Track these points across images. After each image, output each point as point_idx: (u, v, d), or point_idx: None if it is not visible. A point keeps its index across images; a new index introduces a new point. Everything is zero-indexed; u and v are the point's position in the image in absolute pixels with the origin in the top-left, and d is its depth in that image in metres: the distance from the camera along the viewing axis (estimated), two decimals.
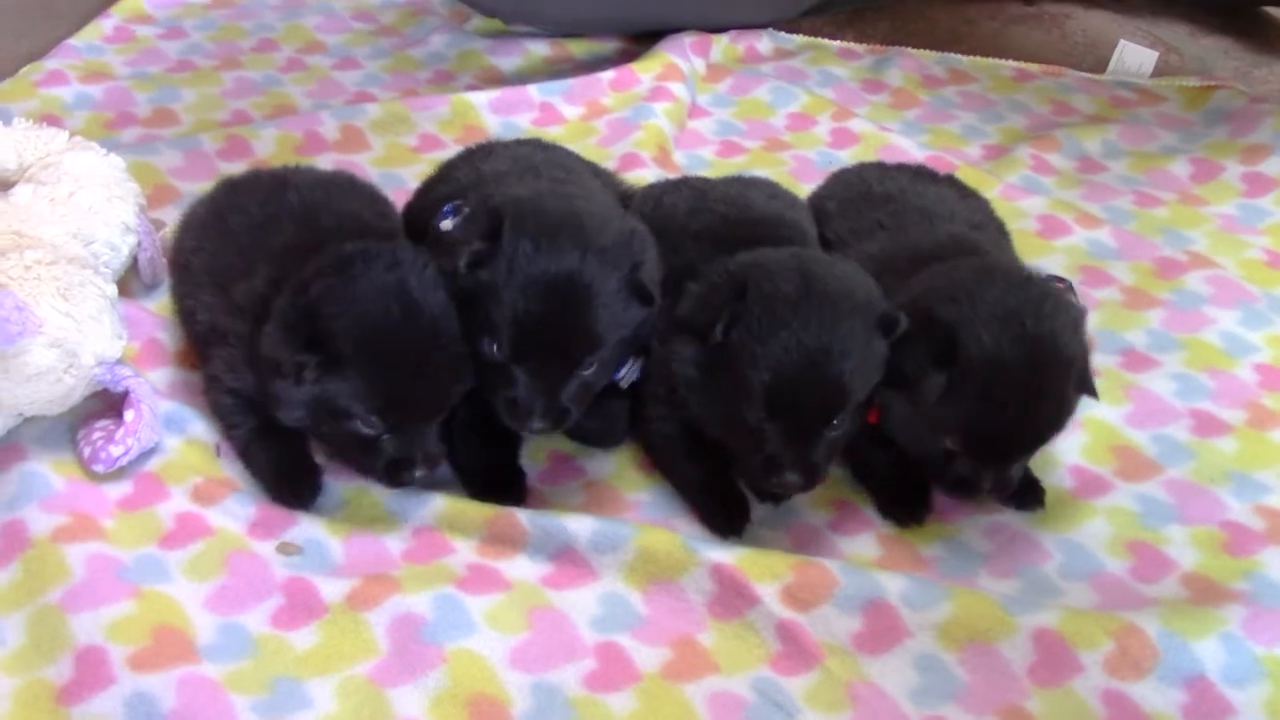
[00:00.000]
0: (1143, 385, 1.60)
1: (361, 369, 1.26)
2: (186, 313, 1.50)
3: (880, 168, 1.72)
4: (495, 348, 1.30)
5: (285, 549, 1.32)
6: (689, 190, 1.60)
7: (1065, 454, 1.49)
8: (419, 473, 1.32)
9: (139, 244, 1.62)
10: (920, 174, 1.68)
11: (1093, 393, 1.35)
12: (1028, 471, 1.42)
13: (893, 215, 1.55)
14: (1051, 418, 1.32)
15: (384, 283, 1.27)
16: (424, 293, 1.28)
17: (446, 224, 1.36)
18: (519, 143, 1.68)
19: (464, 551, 1.32)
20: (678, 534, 1.32)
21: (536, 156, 1.58)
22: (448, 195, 1.52)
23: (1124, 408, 1.56)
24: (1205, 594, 1.32)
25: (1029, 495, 1.41)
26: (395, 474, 1.32)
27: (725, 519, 1.37)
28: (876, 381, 1.33)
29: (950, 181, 1.68)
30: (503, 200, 1.35)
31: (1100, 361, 1.62)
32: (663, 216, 1.53)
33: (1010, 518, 1.41)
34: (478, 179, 1.52)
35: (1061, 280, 1.44)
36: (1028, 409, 1.30)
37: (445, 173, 1.62)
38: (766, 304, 1.28)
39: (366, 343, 1.25)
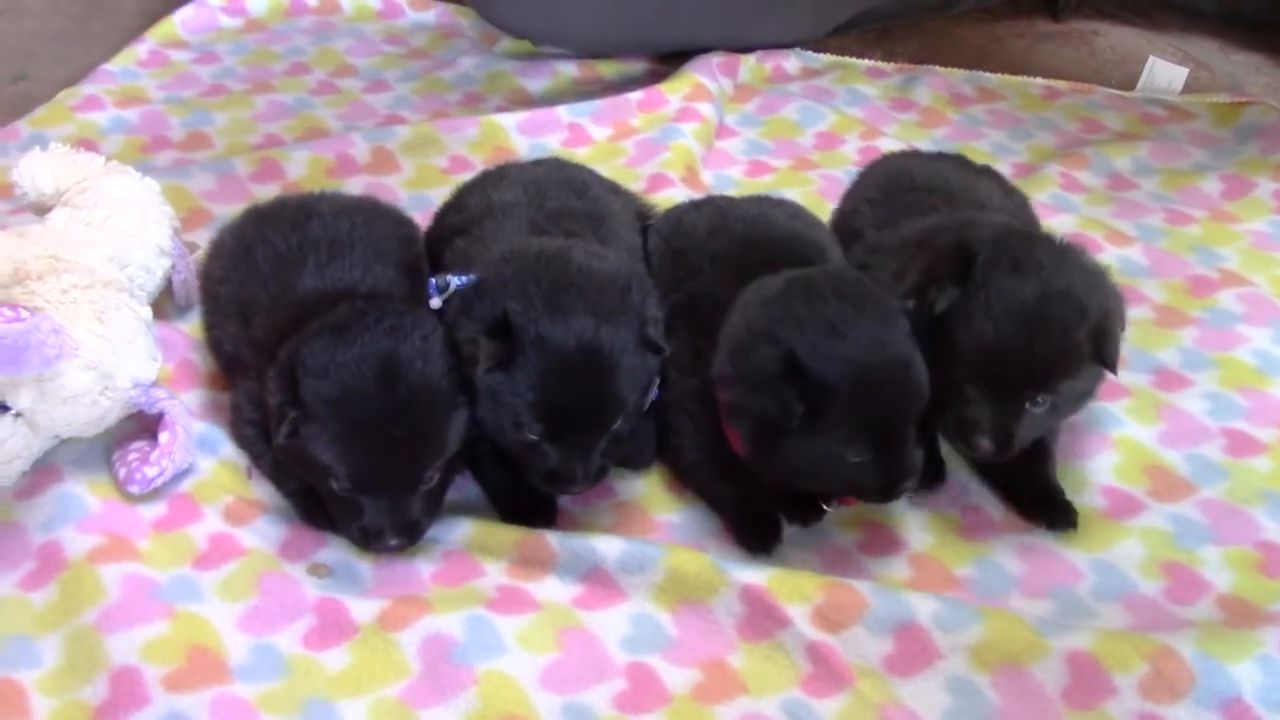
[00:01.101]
0: (1175, 404, 1.58)
1: (332, 431, 1.26)
2: (215, 341, 1.52)
3: (921, 157, 1.71)
4: (526, 432, 1.31)
5: (316, 570, 1.33)
6: (710, 209, 1.60)
7: (1097, 474, 1.48)
8: (394, 542, 1.30)
9: (173, 267, 1.64)
10: (963, 163, 1.68)
11: (1110, 364, 1.35)
12: (1059, 493, 1.42)
13: (945, 200, 1.56)
14: (1055, 353, 1.32)
15: (370, 350, 1.27)
16: (411, 364, 1.28)
17: (435, 302, 1.36)
18: (535, 163, 1.68)
19: (493, 573, 1.33)
20: (707, 555, 1.32)
21: (549, 180, 1.58)
22: (459, 225, 1.53)
23: (1156, 427, 1.55)
24: (1241, 616, 1.31)
25: (1061, 516, 1.41)
26: (365, 541, 1.31)
27: (758, 537, 1.37)
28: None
29: (990, 173, 1.68)
30: (499, 284, 1.33)
31: (1132, 380, 1.61)
32: (682, 237, 1.54)
33: (1042, 538, 1.40)
34: (487, 208, 1.53)
35: None
36: (1031, 335, 1.32)
37: (459, 200, 1.62)
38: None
39: (337, 406, 1.26)
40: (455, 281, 1.37)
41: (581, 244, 1.41)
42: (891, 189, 1.63)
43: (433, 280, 1.38)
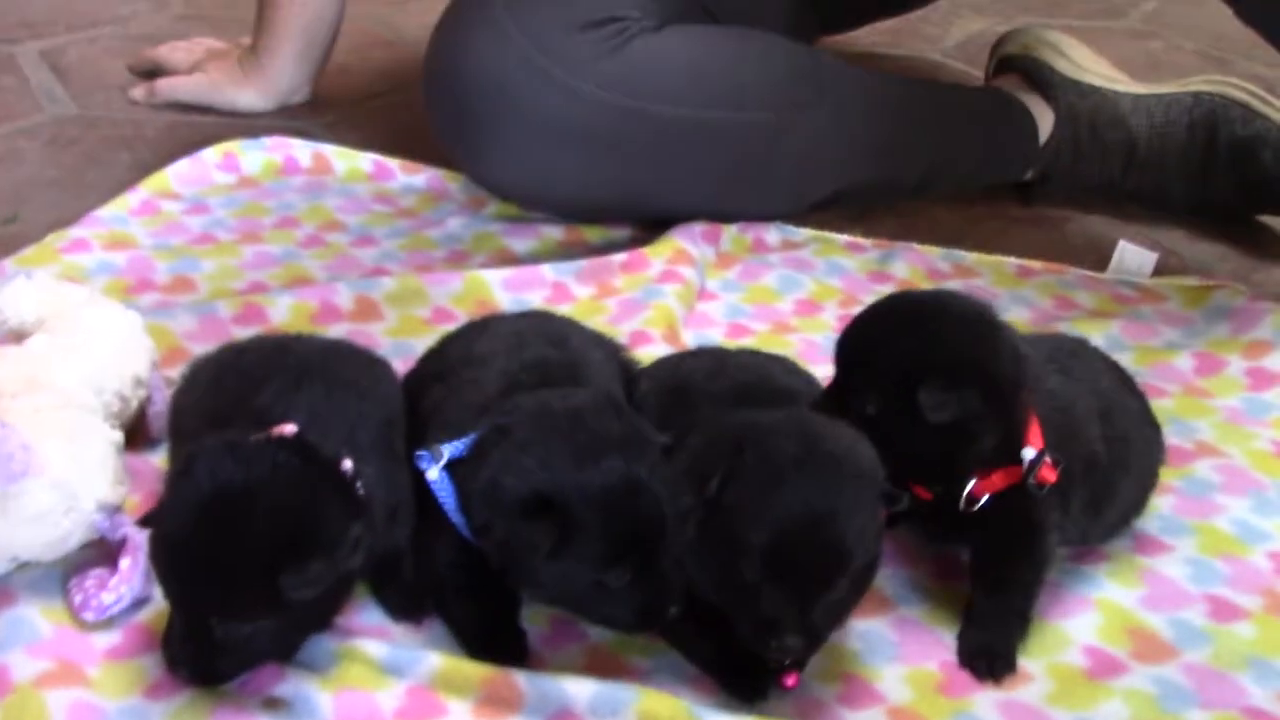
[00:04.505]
0: (1156, 569, 1.57)
1: (154, 535, 1.24)
2: None
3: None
4: (614, 580, 1.28)
5: (272, 705, 1.28)
6: (708, 357, 1.62)
7: (1079, 634, 1.45)
8: (183, 672, 1.25)
9: (149, 399, 1.63)
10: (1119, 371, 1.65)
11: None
12: (998, 646, 1.41)
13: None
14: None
15: (220, 478, 1.22)
16: (235, 514, 1.21)
17: (433, 473, 1.34)
18: (520, 315, 1.70)
19: (458, 712, 1.27)
20: (681, 699, 1.28)
21: (529, 331, 1.59)
22: (438, 371, 1.54)
23: (1138, 591, 1.53)
24: None
25: (981, 662, 1.39)
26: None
27: (748, 685, 1.33)
28: (876, 556, 1.30)
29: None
30: (512, 464, 1.29)
31: (1113, 546, 1.60)
32: (681, 378, 1.54)
33: (1024, 695, 1.36)
34: (465, 358, 1.53)
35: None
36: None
37: (441, 347, 1.63)
38: (766, 460, 1.26)
39: (162, 514, 1.24)
40: (448, 450, 1.35)
41: (551, 391, 1.40)
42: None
43: (425, 452, 1.36)
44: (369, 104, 2.89)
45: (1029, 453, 1.39)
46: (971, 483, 1.40)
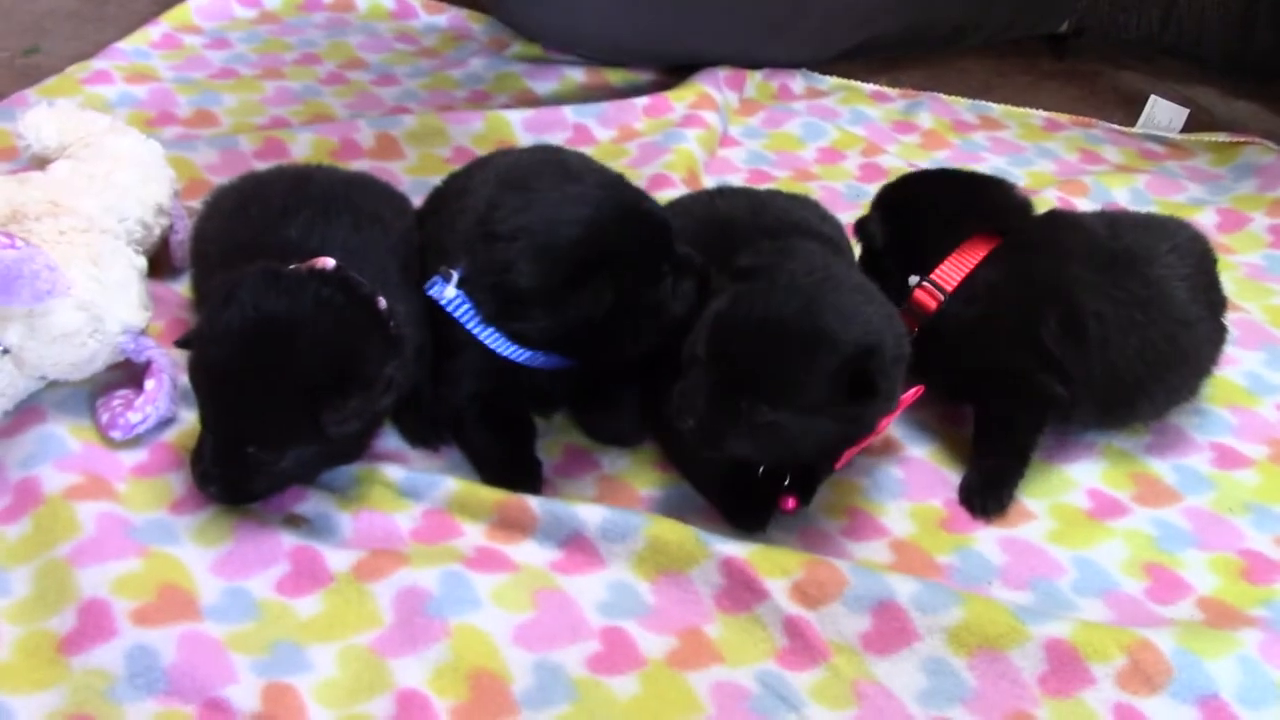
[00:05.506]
0: (1164, 418, 1.58)
1: (193, 360, 1.28)
2: (202, 299, 1.51)
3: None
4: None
5: (292, 522, 1.32)
6: (744, 196, 1.61)
7: (1083, 477, 1.48)
8: (210, 489, 1.29)
9: (172, 227, 1.64)
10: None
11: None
12: (989, 485, 1.44)
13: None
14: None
15: (260, 305, 1.25)
16: (275, 339, 1.24)
17: (449, 291, 1.37)
18: (525, 150, 1.70)
19: (472, 534, 1.32)
20: (689, 527, 1.31)
21: (528, 161, 1.57)
22: (436, 207, 1.56)
23: (1144, 438, 1.55)
24: (1222, 618, 1.30)
25: (976, 497, 1.43)
26: (194, 474, 1.30)
27: (750, 514, 1.36)
28: (822, 430, 1.28)
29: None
30: (550, 265, 1.33)
31: None
32: (723, 214, 1.54)
33: (1025, 532, 1.39)
34: (461, 189, 1.53)
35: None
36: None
37: (446, 183, 1.63)
38: (774, 274, 1.28)
39: (202, 339, 1.27)
40: (457, 272, 1.37)
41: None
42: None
43: (436, 277, 1.38)
44: None
45: (912, 279, 1.50)
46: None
